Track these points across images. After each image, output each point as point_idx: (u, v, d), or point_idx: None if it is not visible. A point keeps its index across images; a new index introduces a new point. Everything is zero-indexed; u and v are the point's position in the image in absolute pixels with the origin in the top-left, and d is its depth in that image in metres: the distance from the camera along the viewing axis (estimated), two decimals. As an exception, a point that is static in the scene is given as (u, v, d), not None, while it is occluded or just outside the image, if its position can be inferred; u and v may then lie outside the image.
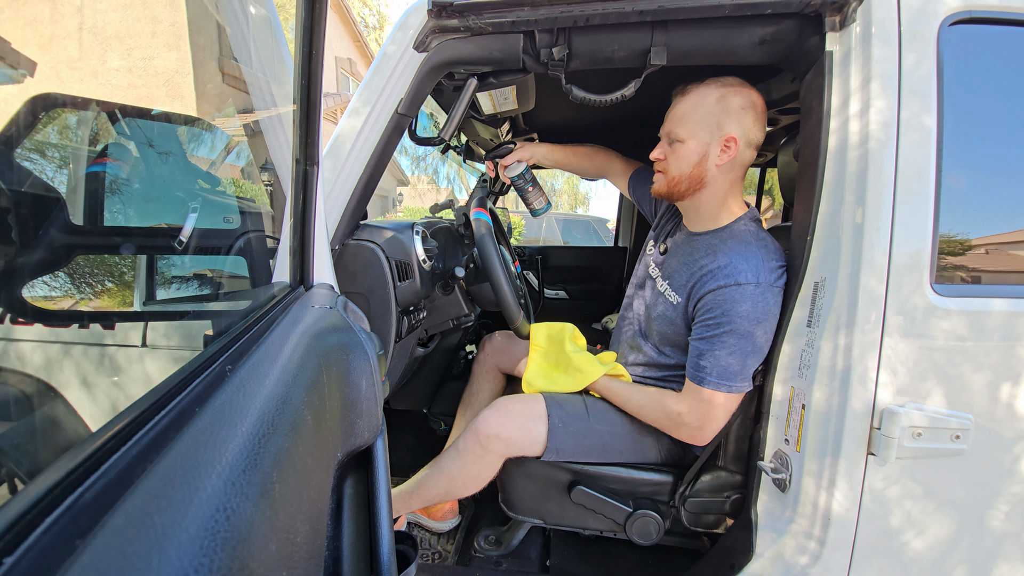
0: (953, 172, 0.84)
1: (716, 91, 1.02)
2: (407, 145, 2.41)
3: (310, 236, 0.64)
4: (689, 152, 1.05)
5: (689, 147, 1.04)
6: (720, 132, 1.02)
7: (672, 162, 1.08)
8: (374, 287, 1.03)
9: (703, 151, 1.04)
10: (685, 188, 1.08)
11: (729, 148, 1.02)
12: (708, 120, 1.02)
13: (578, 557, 1.30)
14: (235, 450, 0.26)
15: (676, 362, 1.13)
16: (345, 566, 0.43)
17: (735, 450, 1.07)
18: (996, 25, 0.84)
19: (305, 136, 0.58)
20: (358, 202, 1.04)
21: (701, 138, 1.03)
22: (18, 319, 0.61)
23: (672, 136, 1.07)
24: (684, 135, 1.05)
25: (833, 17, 0.87)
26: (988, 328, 0.84)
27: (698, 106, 1.03)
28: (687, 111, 1.05)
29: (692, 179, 1.06)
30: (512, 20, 0.91)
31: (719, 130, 1.02)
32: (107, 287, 0.72)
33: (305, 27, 0.52)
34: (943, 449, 0.84)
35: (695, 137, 1.04)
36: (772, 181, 2.55)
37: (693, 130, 1.04)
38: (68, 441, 0.62)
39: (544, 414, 1.12)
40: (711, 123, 1.02)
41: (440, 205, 1.60)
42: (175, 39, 0.82)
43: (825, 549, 0.89)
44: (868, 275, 0.83)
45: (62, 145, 0.65)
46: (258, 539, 0.24)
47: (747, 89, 1.03)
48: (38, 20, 0.63)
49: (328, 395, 0.43)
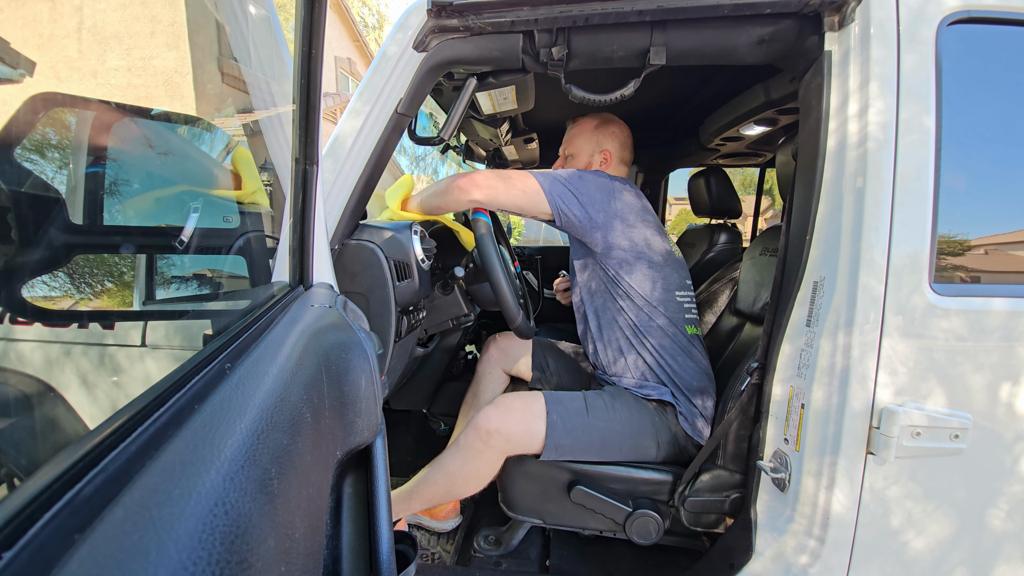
0: (952, 172, 0.84)
1: (593, 120, 1.42)
2: (407, 145, 2.41)
3: (310, 236, 0.64)
4: (577, 164, 1.42)
5: (577, 161, 1.42)
6: (598, 147, 1.40)
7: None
8: (373, 287, 1.03)
9: (587, 162, 1.41)
10: None
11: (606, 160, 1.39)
12: (590, 140, 1.41)
13: (578, 557, 1.30)
14: (234, 446, 0.26)
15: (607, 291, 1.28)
16: (344, 565, 0.43)
17: (735, 449, 1.07)
18: (995, 25, 0.84)
19: (305, 136, 0.58)
20: (358, 202, 1.05)
21: (585, 152, 1.41)
22: (18, 318, 0.61)
23: (566, 152, 1.46)
24: (573, 151, 1.43)
25: (832, 17, 0.87)
26: (987, 328, 0.84)
27: (582, 131, 1.43)
28: (575, 135, 1.44)
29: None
30: (511, 20, 0.91)
31: (597, 146, 1.40)
32: (107, 286, 0.72)
33: (305, 27, 0.52)
34: (942, 448, 0.84)
35: (581, 152, 1.41)
36: (772, 181, 2.55)
37: (580, 146, 1.42)
38: (67, 438, 0.62)
39: (543, 411, 1.13)
40: (591, 142, 1.41)
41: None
42: (174, 39, 0.82)
43: (825, 548, 0.89)
44: (867, 275, 0.83)
45: (62, 145, 0.65)
46: (256, 534, 0.24)
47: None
48: (37, 20, 0.63)
49: (327, 393, 0.43)
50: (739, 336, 1.42)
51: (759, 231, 2.75)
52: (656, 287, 1.23)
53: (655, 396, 1.20)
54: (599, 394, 1.21)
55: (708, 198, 2.06)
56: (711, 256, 2.14)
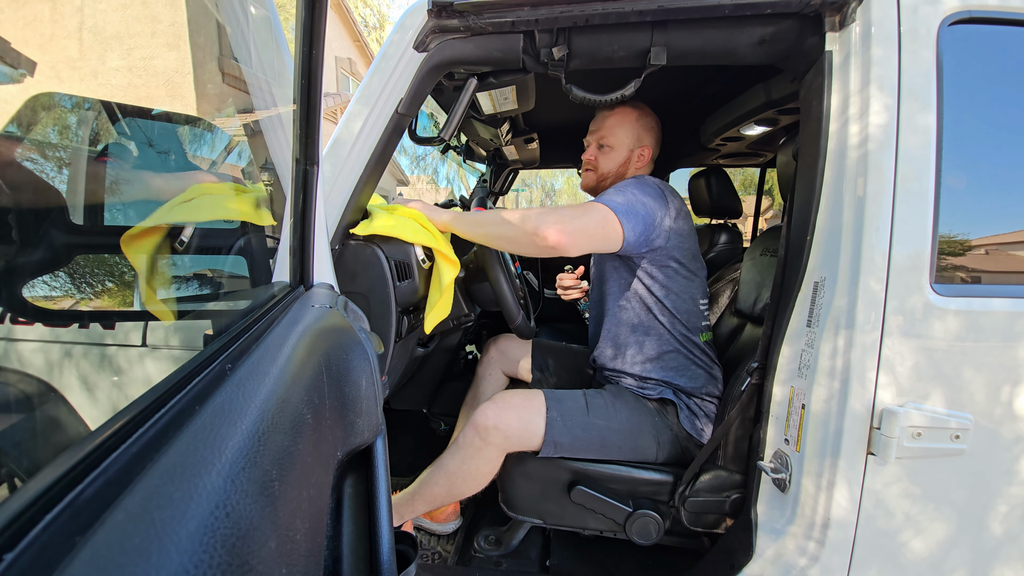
0: (953, 172, 0.84)
1: (634, 111, 1.32)
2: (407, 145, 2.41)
3: (310, 236, 0.64)
4: (616, 158, 1.33)
5: (616, 154, 1.33)
6: (639, 143, 1.32)
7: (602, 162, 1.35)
8: (374, 287, 1.02)
9: (626, 157, 1.33)
10: (609, 183, 1.34)
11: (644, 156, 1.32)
12: (631, 133, 1.31)
13: (578, 557, 1.30)
14: (235, 448, 0.26)
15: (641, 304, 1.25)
16: (345, 565, 0.43)
17: (735, 450, 1.06)
18: (995, 25, 0.84)
19: (305, 136, 0.58)
20: (358, 202, 1.04)
21: (626, 145, 1.32)
22: (19, 318, 0.61)
23: (602, 142, 1.34)
24: (613, 143, 1.32)
25: (832, 17, 0.87)
26: (988, 328, 0.84)
27: (623, 121, 1.32)
28: (614, 124, 1.33)
29: (617, 176, 1.34)
30: (512, 20, 0.91)
31: (638, 141, 1.32)
32: (107, 286, 0.72)
33: (305, 27, 0.52)
34: (943, 449, 0.83)
35: (622, 145, 1.32)
36: (772, 181, 2.55)
37: (621, 138, 1.31)
38: (68, 439, 0.62)
39: (543, 408, 1.13)
40: (632, 135, 1.31)
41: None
42: (175, 39, 0.82)
43: (825, 549, 0.89)
44: (868, 275, 0.83)
45: (62, 145, 0.65)
46: (257, 536, 0.24)
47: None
48: (38, 20, 0.63)
49: (328, 394, 0.43)
50: (740, 336, 1.42)
51: (760, 231, 2.75)
52: (685, 298, 1.23)
53: (656, 396, 1.20)
54: (600, 393, 1.21)
55: (708, 198, 2.06)
56: (711, 256, 2.14)
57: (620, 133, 1.31)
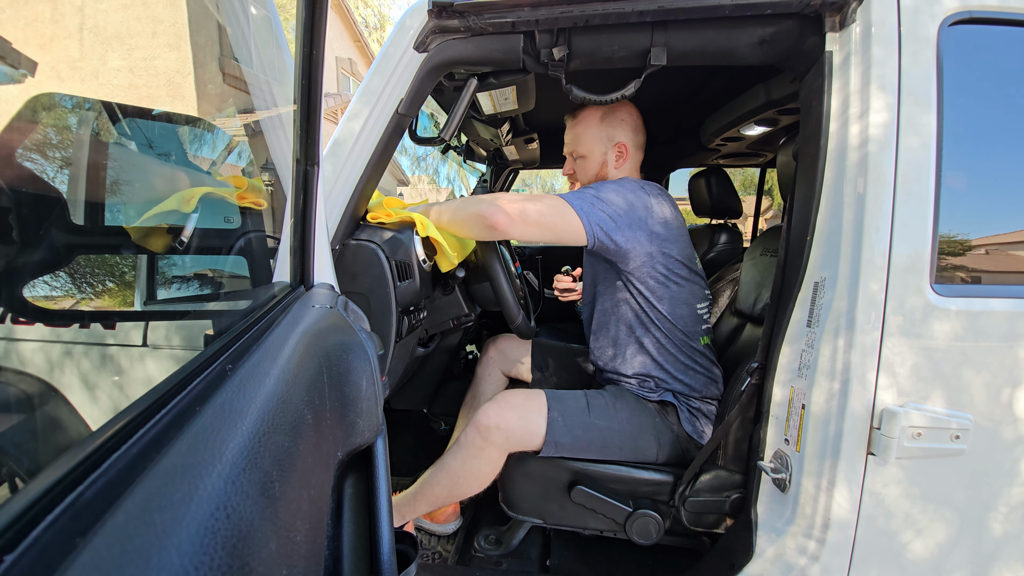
0: (953, 172, 0.84)
1: (598, 111, 1.29)
2: (407, 145, 2.41)
3: (310, 236, 0.64)
4: (590, 167, 1.33)
5: (590, 163, 1.32)
6: (610, 142, 1.29)
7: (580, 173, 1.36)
8: (374, 287, 1.03)
9: (602, 162, 1.31)
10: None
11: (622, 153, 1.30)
12: (598, 137, 1.29)
13: (578, 557, 1.30)
14: (235, 449, 0.26)
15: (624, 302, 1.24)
16: (345, 565, 0.43)
17: (735, 450, 1.07)
18: (995, 25, 0.84)
19: (306, 136, 0.58)
20: (358, 202, 1.05)
21: (597, 150, 1.30)
22: (19, 319, 0.61)
23: (574, 153, 1.35)
24: (583, 151, 1.32)
25: (833, 17, 0.87)
26: (988, 328, 0.84)
27: (587, 127, 1.30)
28: (579, 133, 1.32)
29: (599, 180, 1.31)
30: (512, 20, 0.91)
31: (609, 141, 1.29)
32: (108, 287, 0.72)
33: (305, 27, 0.52)
34: (943, 449, 0.83)
35: (592, 151, 1.31)
36: (772, 181, 2.55)
37: (590, 145, 1.30)
38: (69, 440, 0.62)
39: (544, 408, 1.13)
40: (601, 138, 1.29)
41: None
42: (176, 39, 0.82)
43: (825, 549, 0.89)
44: (868, 275, 0.83)
45: (63, 145, 0.65)
46: (258, 537, 0.24)
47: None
48: (39, 20, 0.64)
49: (328, 394, 0.43)
50: (740, 337, 1.42)
51: (760, 231, 2.75)
52: (679, 303, 1.21)
53: (656, 397, 1.20)
54: (601, 393, 1.21)
55: (708, 198, 2.06)
56: (711, 256, 2.14)
57: (587, 140, 1.31)
